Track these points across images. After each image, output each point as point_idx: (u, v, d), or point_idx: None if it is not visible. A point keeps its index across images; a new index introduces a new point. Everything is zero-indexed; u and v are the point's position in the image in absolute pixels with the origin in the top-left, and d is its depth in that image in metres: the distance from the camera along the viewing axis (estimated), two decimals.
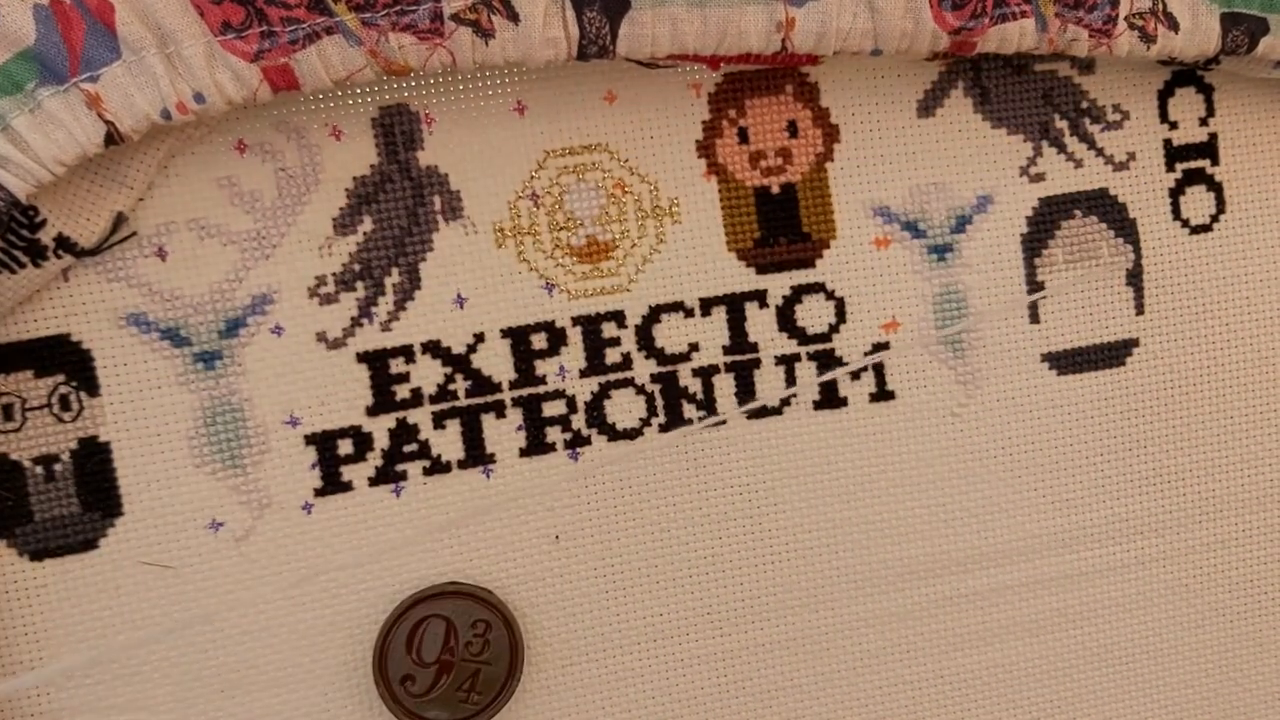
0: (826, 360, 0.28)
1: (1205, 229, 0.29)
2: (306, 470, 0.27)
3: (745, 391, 0.28)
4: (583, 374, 0.28)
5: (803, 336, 0.28)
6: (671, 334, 0.28)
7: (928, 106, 0.28)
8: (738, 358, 0.28)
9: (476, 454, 0.27)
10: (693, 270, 0.28)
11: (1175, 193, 0.29)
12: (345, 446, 0.27)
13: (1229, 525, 0.30)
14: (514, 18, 0.24)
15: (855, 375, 0.29)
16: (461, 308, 0.27)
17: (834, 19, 0.25)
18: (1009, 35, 0.25)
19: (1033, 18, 0.25)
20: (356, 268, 0.27)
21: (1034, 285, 0.29)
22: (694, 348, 0.28)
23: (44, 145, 0.23)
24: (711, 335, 0.28)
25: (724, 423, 0.28)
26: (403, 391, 0.27)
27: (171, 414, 0.26)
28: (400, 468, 0.27)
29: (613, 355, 0.28)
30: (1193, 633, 0.30)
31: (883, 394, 0.29)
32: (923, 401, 0.29)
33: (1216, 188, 0.29)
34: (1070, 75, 0.28)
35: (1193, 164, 0.29)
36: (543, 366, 0.27)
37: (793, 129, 0.28)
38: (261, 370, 0.26)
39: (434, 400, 0.27)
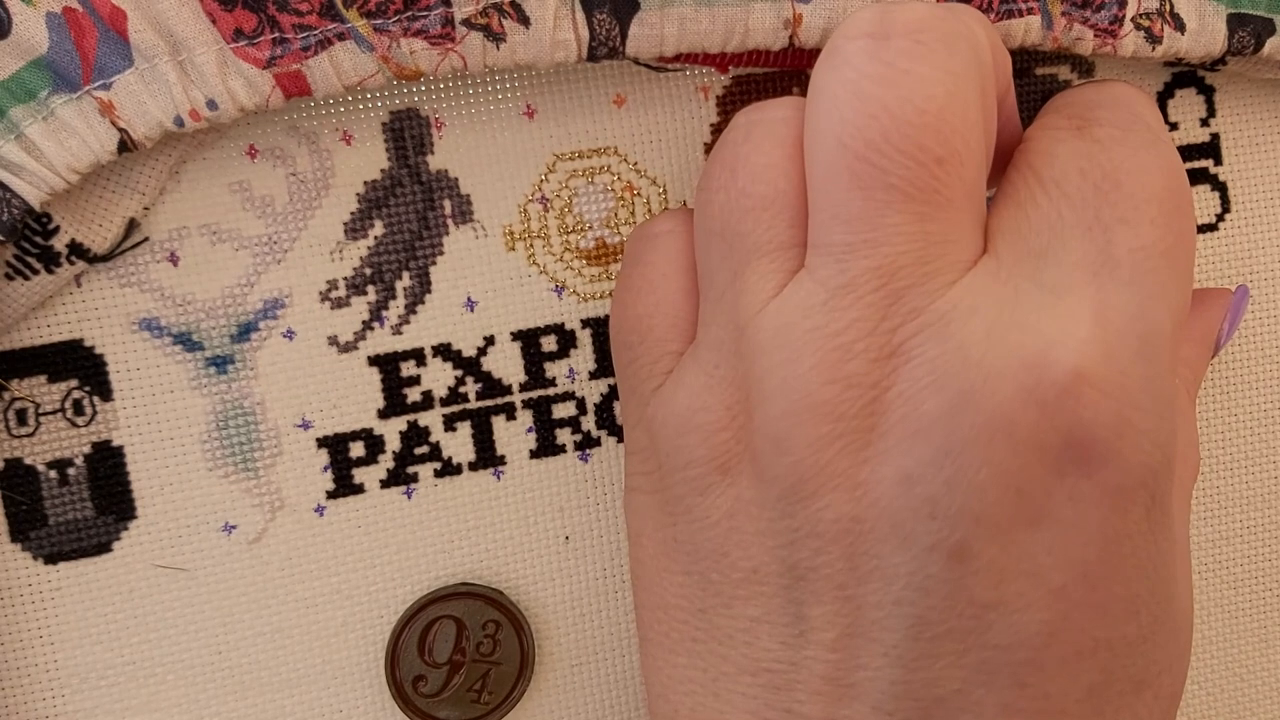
0: None
1: (1211, 228, 0.29)
2: (319, 473, 0.27)
3: None
4: (592, 376, 0.28)
5: None
6: None
7: None
8: None
9: (487, 456, 0.27)
10: None
11: None
12: (357, 449, 0.27)
13: (1232, 521, 0.30)
14: (524, 21, 0.24)
15: None
16: (472, 311, 0.27)
17: (840, 15, 0.25)
18: (1014, 32, 0.25)
19: (1039, 15, 0.25)
20: (368, 272, 0.27)
21: None
22: None
23: (57, 153, 0.23)
24: None
25: None
26: (414, 394, 0.27)
27: (184, 418, 0.26)
28: (412, 470, 0.27)
29: None
30: (1195, 628, 0.30)
31: None
32: None
33: (1221, 187, 0.29)
34: (1071, 79, 0.29)
35: (1195, 164, 0.29)
36: (553, 369, 0.28)
37: None
38: (274, 374, 0.26)
39: (445, 403, 0.27)
